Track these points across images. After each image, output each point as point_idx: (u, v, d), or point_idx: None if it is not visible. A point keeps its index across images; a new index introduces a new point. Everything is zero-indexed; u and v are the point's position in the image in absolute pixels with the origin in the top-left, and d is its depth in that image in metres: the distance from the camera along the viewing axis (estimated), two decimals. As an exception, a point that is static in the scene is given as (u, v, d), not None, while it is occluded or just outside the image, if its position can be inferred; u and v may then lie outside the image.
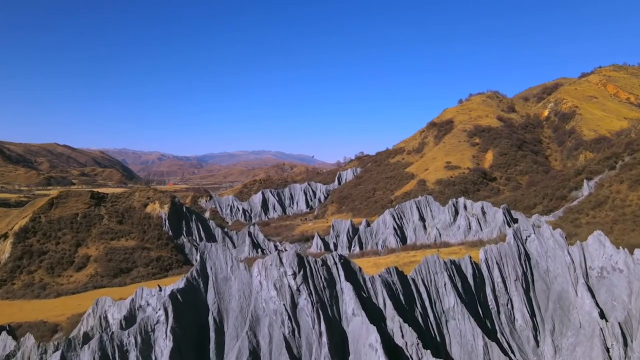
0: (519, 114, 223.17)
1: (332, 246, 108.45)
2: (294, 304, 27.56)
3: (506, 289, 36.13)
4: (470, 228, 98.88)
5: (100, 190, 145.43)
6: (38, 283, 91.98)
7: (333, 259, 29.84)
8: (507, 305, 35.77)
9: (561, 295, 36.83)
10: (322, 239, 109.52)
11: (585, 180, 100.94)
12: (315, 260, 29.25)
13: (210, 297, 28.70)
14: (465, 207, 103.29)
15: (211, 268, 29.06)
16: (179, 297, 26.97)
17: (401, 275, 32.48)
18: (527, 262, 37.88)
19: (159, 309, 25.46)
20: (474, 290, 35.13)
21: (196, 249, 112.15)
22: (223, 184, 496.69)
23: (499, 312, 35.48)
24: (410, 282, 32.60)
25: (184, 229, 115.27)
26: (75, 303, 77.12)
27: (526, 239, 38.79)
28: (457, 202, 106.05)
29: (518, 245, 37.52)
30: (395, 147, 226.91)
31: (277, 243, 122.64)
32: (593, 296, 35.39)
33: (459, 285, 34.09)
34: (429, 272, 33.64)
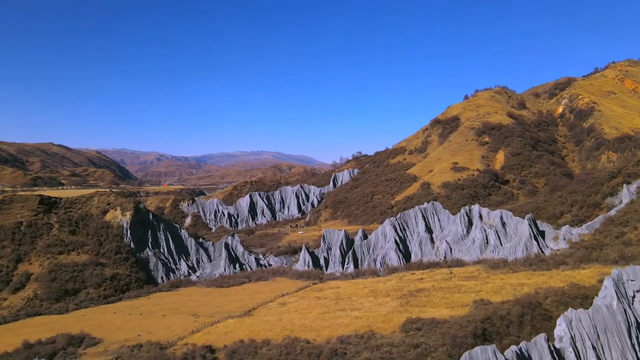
0: (530, 111, 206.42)
1: (322, 262, 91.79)
2: None
3: (610, 397, 19.69)
4: (487, 242, 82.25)
5: (90, 191, 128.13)
6: (-38, 309, 75.66)
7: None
8: None
9: None
10: (311, 253, 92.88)
11: (624, 185, 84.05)
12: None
13: None
14: (480, 217, 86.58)
15: None
16: None
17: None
18: (639, 338, 21.19)
19: None
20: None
21: (162, 264, 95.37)
22: (220, 184, 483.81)
23: None
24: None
25: (150, 240, 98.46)
26: (-11, 341, 60.83)
27: (634, 297, 22.13)
28: (470, 210, 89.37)
29: (624, 310, 20.93)
30: (396, 147, 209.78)
31: (260, 256, 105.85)
32: None
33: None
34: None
